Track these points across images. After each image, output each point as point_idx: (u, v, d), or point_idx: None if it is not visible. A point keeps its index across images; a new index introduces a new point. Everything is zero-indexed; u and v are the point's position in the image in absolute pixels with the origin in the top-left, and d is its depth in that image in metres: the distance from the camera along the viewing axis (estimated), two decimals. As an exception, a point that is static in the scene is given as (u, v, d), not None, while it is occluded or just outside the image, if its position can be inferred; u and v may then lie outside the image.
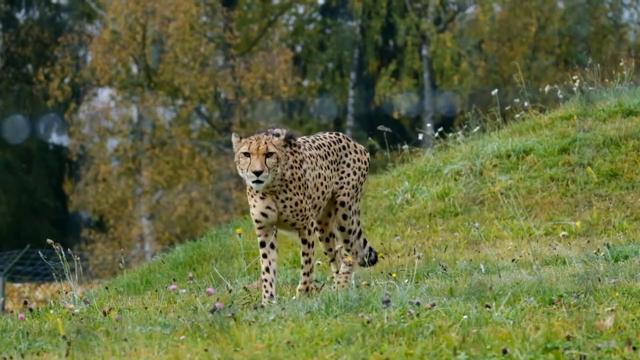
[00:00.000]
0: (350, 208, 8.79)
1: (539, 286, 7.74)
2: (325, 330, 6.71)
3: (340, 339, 6.54)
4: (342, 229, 8.84)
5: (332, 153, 8.74)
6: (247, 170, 8.12)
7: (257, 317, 7.30)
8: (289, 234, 8.72)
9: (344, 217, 8.79)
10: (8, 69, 39.71)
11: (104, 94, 38.62)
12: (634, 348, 6.06)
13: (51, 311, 8.47)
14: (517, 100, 16.26)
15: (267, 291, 8.36)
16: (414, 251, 9.93)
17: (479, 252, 11.33)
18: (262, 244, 8.50)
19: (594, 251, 9.87)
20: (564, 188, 13.75)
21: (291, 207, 8.34)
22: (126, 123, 37.62)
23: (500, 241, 12.27)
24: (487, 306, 7.04)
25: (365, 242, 9.09)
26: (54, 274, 8.97)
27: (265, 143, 8.12)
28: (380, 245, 12.22)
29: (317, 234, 9.00)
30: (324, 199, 8.64)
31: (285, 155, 8.27)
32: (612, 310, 6.99)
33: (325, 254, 9.00)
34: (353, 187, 8.82)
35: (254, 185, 8.17)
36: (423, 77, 38.33)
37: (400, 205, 14.17)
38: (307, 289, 8.58)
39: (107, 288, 13.06)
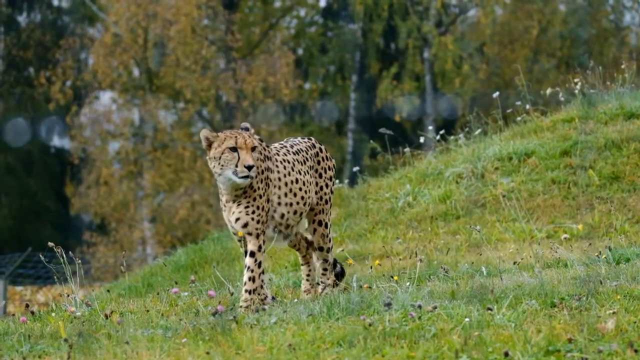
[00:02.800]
0: (327, 226, 8.57)
1: (540, 289, 7.74)
2: (326, 333, 6.72)
3: (342, 342, 6.54)
4: (320, 248, 8.58)
5: (310, 158, 8.50)
6: (238, 165, 7.81)
7: (259, 320, 7.31)
8: (276, 244, 8.49)
9: (322, 236, 8.55)
10: (10, 72, 39.73)
11: (106, 97, 38.62)
12: (636, 351, 6.05)
13: (53, 314, 8.47)
14: (518, 102, 16.26)
15: (263, 294, 8.28)
16: (416, 254, 9.92)
17: (480, 254, 11.33)
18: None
19: (596, 254, 9.85)
20: (565, 191, 13.75)
21: (246, 203, 8.01)
22: (128, 126, 37.60)
23: (502, 244, 12.27)
24: (489, 309, 7.04)
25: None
26: (55, 277, 8.96)
27: (250, 137, 7.89)
28: (382, 248, 12.22)
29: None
30: (304, 204, 8.35)
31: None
32: (613, 312, 6.99)
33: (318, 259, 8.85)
34: (326, 201, 8.57)
35: (241, 180, 7.83)
36: (424, 80, 38.32)
37: (401, 208, 14.18)
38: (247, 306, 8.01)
39: (108, 291, 13.09)
